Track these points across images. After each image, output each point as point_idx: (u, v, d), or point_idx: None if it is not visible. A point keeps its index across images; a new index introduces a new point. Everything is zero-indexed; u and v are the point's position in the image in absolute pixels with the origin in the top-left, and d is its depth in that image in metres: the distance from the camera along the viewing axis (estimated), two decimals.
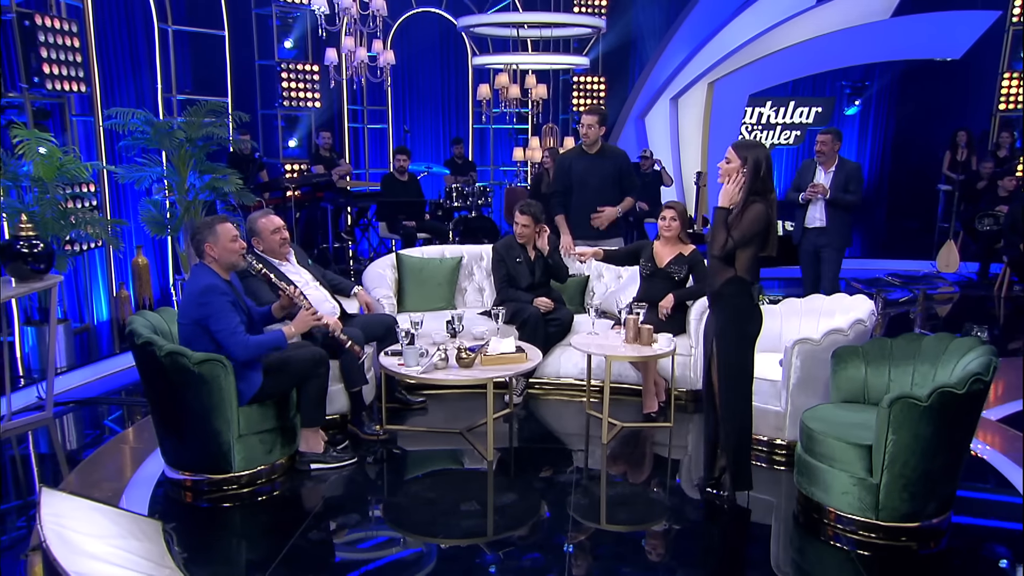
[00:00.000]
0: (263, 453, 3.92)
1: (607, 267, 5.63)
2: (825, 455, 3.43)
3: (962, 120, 11.11)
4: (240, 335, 3.71)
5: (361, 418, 4.51)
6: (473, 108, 12.45)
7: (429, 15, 12.15)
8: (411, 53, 12.28)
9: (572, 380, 5.23)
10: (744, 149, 3.43)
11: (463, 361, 4.17)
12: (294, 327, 3.89)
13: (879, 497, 3.28)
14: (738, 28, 11.34)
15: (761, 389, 4.25)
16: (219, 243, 3.81)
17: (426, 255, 5.74)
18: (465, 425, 4.63)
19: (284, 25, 10.54)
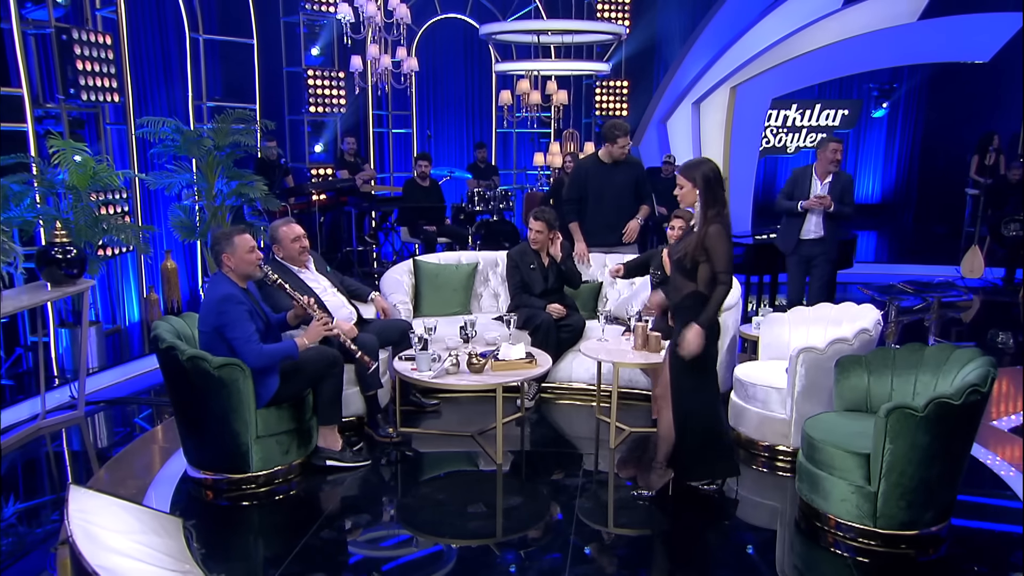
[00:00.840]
0: (280, 454, 4.07)
1: None
2: (825, 463, 3.49)
3: (991, 123, 10.98)
4: (254, 343, 3.86)
5: (376, 420, 4.65)
6: (496, 113, 12.58)
7: (454, 21, 12.31)
8: (436, 58, 12.44)
9: (583, 385, 5.32)
10: (689, 171, 3.58)
11: (474, 367, 4.28)
12: (307, 338, 4.04)
13: (877, 505, 3.34)
14: (762, 32, 11.33)
15: (766, 396, 4.31)
16: (236, 254, 3.97)
17: (442, 261, 5.86)
18: (477, 428, 4.75)
19: (311, 33, 10.76)
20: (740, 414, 4.44)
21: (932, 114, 13.10)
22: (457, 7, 12.20)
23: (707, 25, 11.83)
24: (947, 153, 12.46)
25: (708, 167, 3.57)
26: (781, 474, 4.26)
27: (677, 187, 3.62)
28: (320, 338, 4.08)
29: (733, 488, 4.02)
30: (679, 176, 3.61)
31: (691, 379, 3.68)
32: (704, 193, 3.54)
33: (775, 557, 3.50)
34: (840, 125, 13.66)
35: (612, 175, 5.71)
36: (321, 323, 4.05)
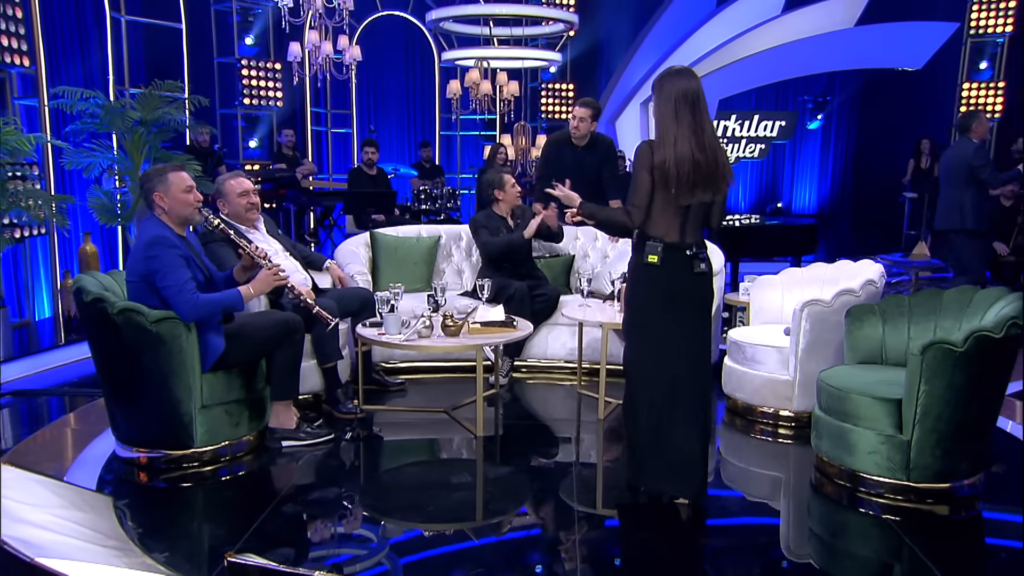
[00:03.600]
0: (229, 427, 3.52)
1: (593, 247, 5.38)
2: (849, 413, 3.18)
3: (923, 130, 11.23)
4: (188, 292, 3.32)
5: (336, 396, 4.13)
6: (440, 113, 12.21)
7: (394, 19, 11.95)
8: (376, 57, 12.03)
9: (560, 362, 4.93)
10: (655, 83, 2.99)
11: (449, 329, 3.85)
12: (253, 288, 3.50)
13: (910, 455, 3.04)
14: (707, 35, 11.38)
15: (766, 358, 4.01)
16: (170, 193, 3.43)
17: (401, 234, 5.41)
18: (449, 404, 4.29)
19: (245, 21, 10.20)
20: (737, 379, 4.13)
21: (865, 124, 13.39)
22: (398, 3, 11.84)
23: (652, 28, 11.84)
24: (881, 161, 12.71)
25: (677, 82, 2.91)
26: (783, 441, 3.94)
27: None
28: (270, 289, 3.56)
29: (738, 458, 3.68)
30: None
31: (628, 338, 3.10)
32: (668, 112, 2.89)
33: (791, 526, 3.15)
34: (777, 136, 13.84)
35: (583, 157, 5.36)
36: (272, 272, 3.53)
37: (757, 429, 4.06)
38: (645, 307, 3.01)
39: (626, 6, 12.79)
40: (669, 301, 2.96)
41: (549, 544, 2.88)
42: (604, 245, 5.33)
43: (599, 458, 3.77)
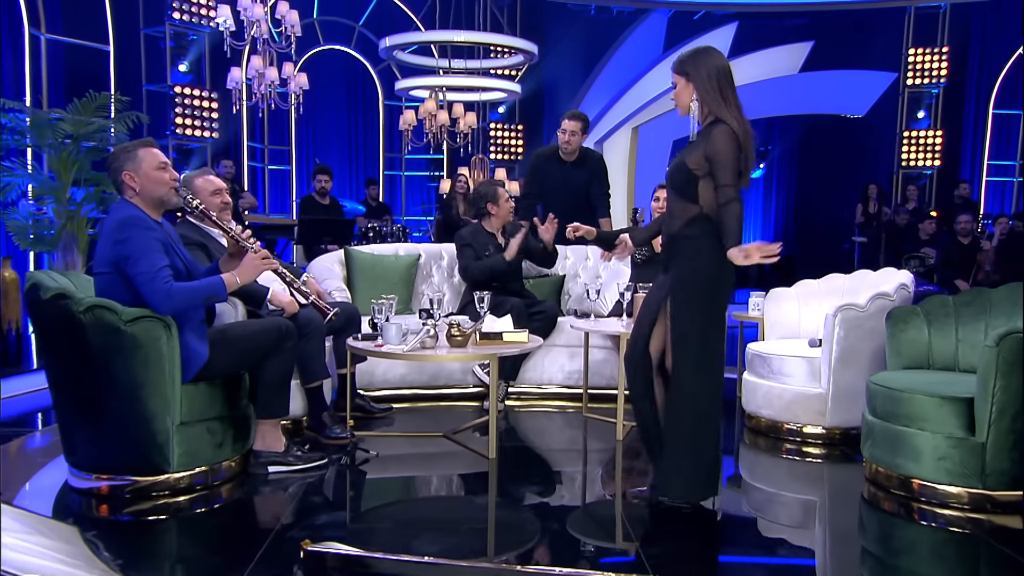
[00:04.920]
0: (211, 448, 3.08)
1: (584, 267, 5.18)
2: (912, 416, 3.01)
3: (866, 178, 11.63)
4: (163, 280, 2.91)
5: (322, 419, 3.71)
6: (384, 152, 11.95)
7: (336, 54, 11.71)
8: (317, 92, 11.71)
9: (557, 388, 4.64)
10: (684, 64, 2.86)
11: (456, 340, 3.53)
12: (239, 275, 3.10)
13: (985, 460, 2.87)
14: (655, 79, 11.58)
15: (795, 370, 3.84)
16: (141, 171, 3.04)
17: (377, 252, 5.08)
18: (448, 428, 3.93)
19: (179, 47, 9.77)
20: (763, 395, 3.93)
21: (807, 172, 13.81)
22: (340, 38, 11.63)
23: (600, 72, 12.04)
24: (824, 209, 13.09)
25: (713, 59, 2.82)
26: (814, 460, 3.74)
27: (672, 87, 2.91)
28: (258, 275, 3.18)
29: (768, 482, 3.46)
30: (673, 76, 2.89)
31: (709, 354, 2.84)
32: (704, 89, 2.80)
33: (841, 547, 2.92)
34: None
35: (569, 171, 5.19)
36: (260, 256, 3.15)
37: (784, 449, 3.85)
38: (725, 298, 2.87)
39: (571, 50, 12.97)
40: (729, 291, 2.83)
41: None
42: (596, 264, 5.13)
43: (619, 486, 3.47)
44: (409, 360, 3.53)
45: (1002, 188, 12.07)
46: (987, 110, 11.94)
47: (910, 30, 11.91)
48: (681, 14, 12.79)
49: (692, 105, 2.87)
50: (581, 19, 12.88)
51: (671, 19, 12.63)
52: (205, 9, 9.66)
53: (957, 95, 12.09)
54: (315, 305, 3.36)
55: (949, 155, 11.91)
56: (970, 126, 12.17)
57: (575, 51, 13.03)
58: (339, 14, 11.58)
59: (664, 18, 12.58)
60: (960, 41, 12.03)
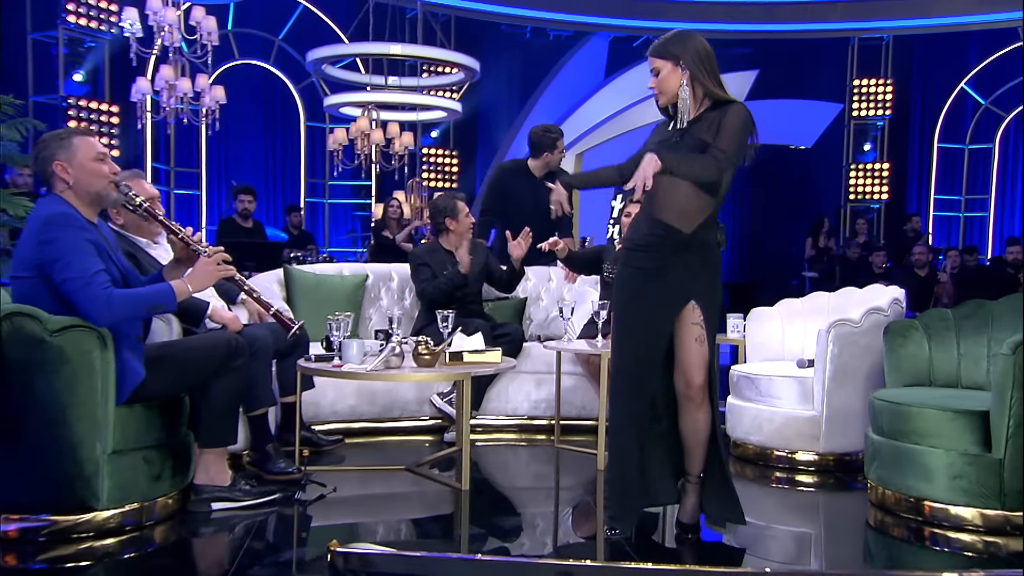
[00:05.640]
0: (147, 480, 2.85)
1: (546, 289, 5.12)
2: (923, 432, 3.02)
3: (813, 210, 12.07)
4: (99, 286, 2.70)
5: (267, 452, 3.49)
6: (305, 178, 11.74)
7: (253, 69, 11.50)
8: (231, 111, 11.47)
9: (524, 419, 4.53)
10: (668, 47, 2.75)
11: (423, 359, 3.40)
12: (191, 283, 2.92)
13: (1003, 477, 2.90)
14: (596, 105, 11.85)
15: (785, 392, 3.85)
16: (76, 161, 2.84)
17: (319, 272, 4.92)
18: (412, 460, 3.77)
19: (74, 54, 9.40)
20: (751, 420, 3.90)
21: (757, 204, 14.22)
22: (257, 52, 11.43)
23: (540, 97, 12.22)
24: (774, 243, 13.49)
25: (696, 40, 2.76)
26: (806, 490, 3.74)
27: (652, 76, 2.82)
28: (212, 283, 3.01)
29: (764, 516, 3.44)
30: (652, 60, 2.79)
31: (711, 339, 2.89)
32: (698, 71, 2.73)
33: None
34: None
35: (539, 187, 5.14)
36: (214, 261, 2.97)
37: (773, 478, 3.83)
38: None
39: (508, 74, 13.13)
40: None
41: None
42: (559, 286, 5.09)
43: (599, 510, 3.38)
44: (373, 380, 3.39)
45: (949, 223, 12.70)
46: (932, 143, 12.60)
47: (854, 61, 12.51)
48: (621, 40, 13.14)
49: (682, 91, 2.75)
50: (516, 42, 13.07)
51: (612, 44, 12.96)
52: (106, 13, 9.36)
53: (902, 127, 12.72)
54: (278, 317, 3.18)
55: (896, 188, 12.47)
56: (915, 159, 12.81)
57: (511, 75, 13.20)
58: (256, 26, 11.41)
59: (605, 42, 12.88)
60: (903, 73, 12.70)
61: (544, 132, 5.17)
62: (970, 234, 12.53)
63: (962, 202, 12.62)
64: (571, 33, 13.22)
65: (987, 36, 12.31)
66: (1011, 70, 12.35)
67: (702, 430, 2.87)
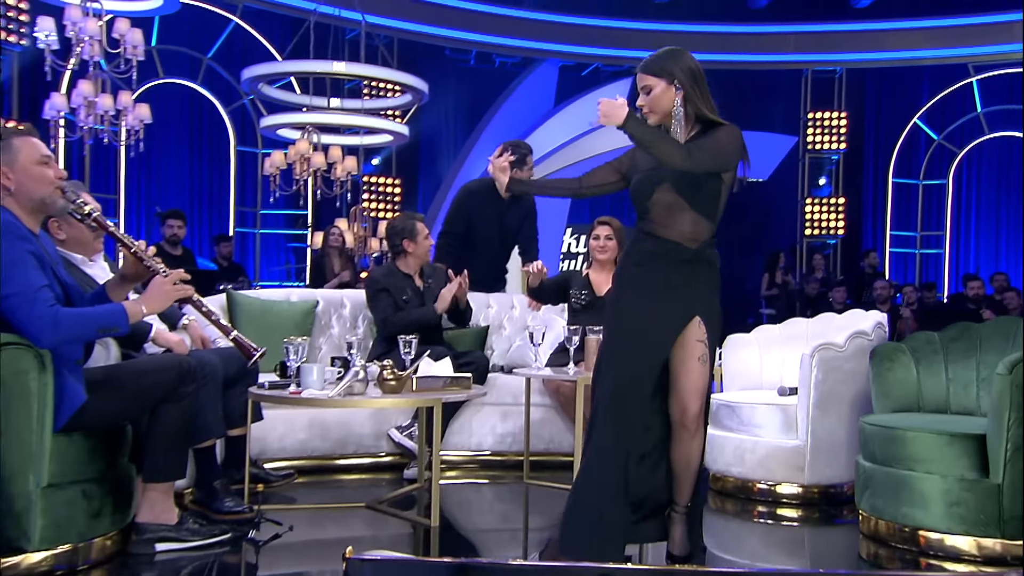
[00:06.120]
0: (85, 518, 2.70)
1: (509, 317, 5.10)
2: (918, 457, 3.06)
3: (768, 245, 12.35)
4: (45, 303, 2.58)
5: (214, 488, 3.36)
6: (235, 207, 11.53)
7: (178, 89, 11.30)
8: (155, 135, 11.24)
9: (487, 455, 4.47)
10: (661, 63, 2.77)
11: (389, 384, 3.33)
12: (146, 304, 2.82)
13: (1002, 504, 2.94)
14: (546, 134, 11.96)
15: (768, 420, 3.87)
16: (18, 165, 2.72)
17: (265, 298, 4.81)
18: (372, 498, 3.67)
19: None
20: (733, 450, 3.91)
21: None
22: (183, 71, 11.24)
23: (487, 125, 12.31)
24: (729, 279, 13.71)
25: (689, 57, 2.80)
26: (791, 524, 3.75)
27: (640, 94, 2.81)
28: (169, 304, 2.90)
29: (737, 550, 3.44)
30: (643, 77, 2.79)
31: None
32: (692, 91, 2.75)
33: None
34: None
35: (506, 209, 5.15)
36: (171, 280, 2.87)
37: (756, 512, 3.84)
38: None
39: (452, 101, 13.21)
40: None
41: None
42: (522, 314, 5.07)
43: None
44: (336, 407, 3.31)
45: (904, 259, 13.11)
46: (886, 178, 13.04)
47: (808, 93, 12.94)
48: (569, 68, 13.37)
49: (675, 111, 2.77)
50: (460, 69, 13.18)
51: (562, 72, 13.16)
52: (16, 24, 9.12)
53: (857, 161, 13.16)
54: (238, 342, 3.07)
55: (852, 223, 12.85)
56: (870, 194, 13.24)
57: (456, 102, 13.28)
58: (182, 43, 11.24)
59: (554, 70, 13.08)
60: (857, 107, 13.18)
61: (514, 148, 5.16)
62: (926, 271, 12.95)
63: (917, 238, 13.05)
64: (517, 60, 13.39)
65: (939, 71, 12.89)
66: (962, 106, 12.94)
67: (695, 460, 2.87)
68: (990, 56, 12.41)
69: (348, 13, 9.33)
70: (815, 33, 12.76)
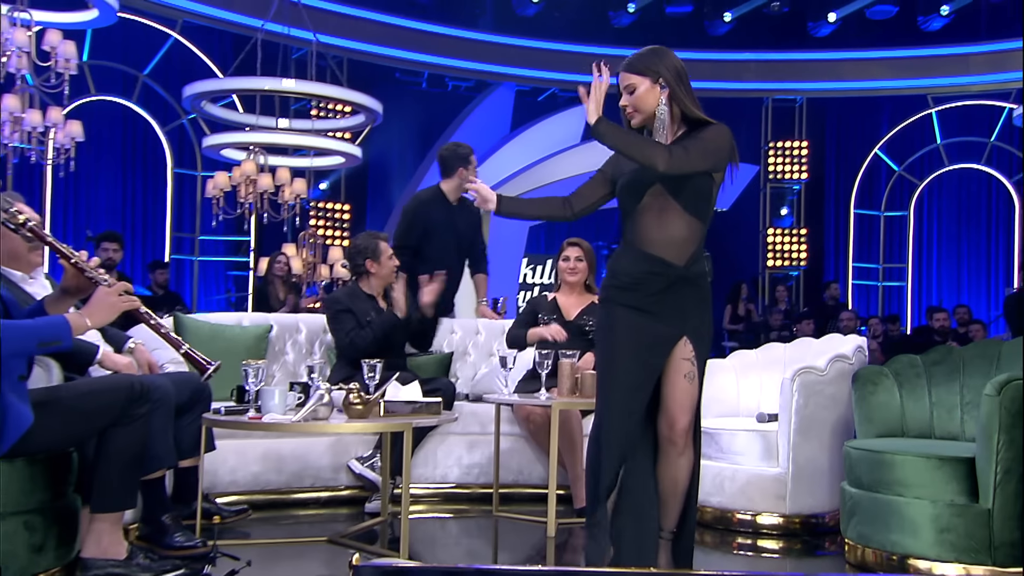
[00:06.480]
0: (27, 552, 2.59)
1: (474, 344, 5.08)
2: (906, 482, 3.10)
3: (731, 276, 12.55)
4: None
5: (163, 523, 3.25)
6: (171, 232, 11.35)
7: (111, 107, 11.10)
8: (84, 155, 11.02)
9: (452, 488, 4.42)
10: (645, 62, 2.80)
11: (355, 409, 3.28)
12: (90, 316, 2.75)
13: (992, 530, 2.99)
14: (502, 160, 12.05)
15: (748, 447, 3.91)
16: None
17: (214, 321, 4.72)
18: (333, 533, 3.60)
19: None
20: (712, 479, 3.91)
21: None
22: (116, 88, 11.06)
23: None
24: None
25: (673, 56, 2.84)
26: (771, 556, 3.77)
27: (623, 94, 2.82)
28: (115, 316, 2.83)
29: None
30: (626, 76, 2.80)
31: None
32: (677, 89, 2.79)
33: None
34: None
35: (457, 216, 5.17)
36: (115, 291, 2.80)
37: (735, 544, 3.85)
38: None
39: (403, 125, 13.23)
40: None
41: None
42: (488, 340, 5.06)
43: None
44: (299, 431, 3.26)
45: (867, 291, 13.40)
46: (848, 209, 13.36)
47: (768, 122, 13.25)
48: (525, 93, 13.51)
49: (660, 111, 2.79)
50: (411, 91, 13.23)
51: (518, 96, 13.28)
52: None
53: (818, 192, 13.47)
54: (190, 357, 3.01)
55: (814, 255, 13.12)
56: (832, 225, 13.54)
57: (407, 126, 13.30)
58: (117, 59, 11.08)
59: (510, 94, 13.20)
60: (818, 137, 13.53)
61: (455, 147, 5.18)
62: (889, 303, 13.24)
63: (880, 271, 13.36)
64: (471, 84, 13.51)
65: (898, 102, 13.31)
66: (921, 137, 13.35)
67: (682, 480, 2.87)
68: (949, 88, 12.86)
69: (298, 32, 9.30)
70: (775, 61, 13.11)
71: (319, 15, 10.61)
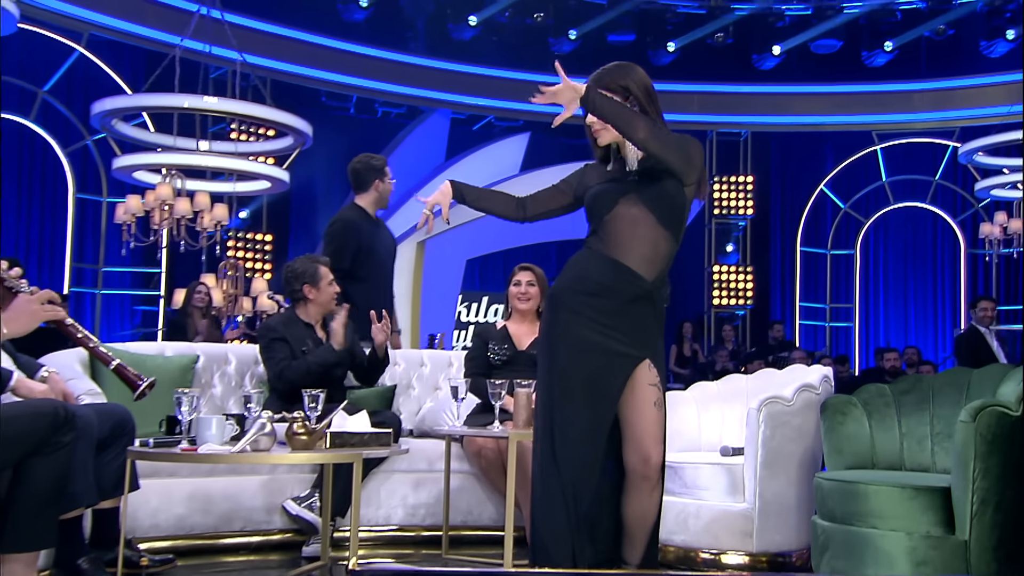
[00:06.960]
0: None
1: (418, 376, 5.05)
2: (880, 514, 3.17)
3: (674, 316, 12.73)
4: None
5: (79, 567, 3.15)
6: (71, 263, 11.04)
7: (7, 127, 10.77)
8: None
9: (395, 530, 4.35)
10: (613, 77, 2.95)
11: (298, 440, 3.23)
12: (7, 324, 2.73)
13: (969, 561, 3.07)
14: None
15: (713, 482, 3.94)
16: None
17: (134, 351, 4.61)
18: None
19: None
20: (673, 515, 3.92)
21: None
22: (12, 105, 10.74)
23: None
24: None
25: (641, 71, 2.98)
26: None
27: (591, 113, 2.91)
28: (35, 325, 2.81)
29: None
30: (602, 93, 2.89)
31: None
32: (647, 105, 2.91)
33: None
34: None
35: (382, 232, 5.20)
36: (38, 300, 2.78)
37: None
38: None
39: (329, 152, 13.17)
40: None
41: None
42: (433, 373, 5.03)
43: None
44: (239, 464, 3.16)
45: (815, 331, 13.73)
46: (794, 247, 13.71)
47: (713, 156, 13.55)
48: (460, 120, 13.59)
49: None
50: (338, 117, 13.21)
51: (453, 124, 13.35)
52: None
53: (764, 228, 13.80)
54: (121, 372, 2.94)
55: (760, 293, 13.40)
56: (778, 263, 13.87)
57: (333, 152, 13.21)
58: (13, 74, 10.80)
59: (445, 122, 13.26)
60: (763, 172, 13.89)
61: (368, 159, 5.16)
62: (837, 344, 13.57)
63: (827, 311, 13.70)
64: (403, 110, 13.54)
65: (843, 138, 13.77)
66: (866, 174, 13.81)
67: (651, 515, 2.90)
68: (893, 125, 13.37)
69: (220, 50, 9.22)
70: (719, 93, 13.46)
71: (241, 32, 10.51)
